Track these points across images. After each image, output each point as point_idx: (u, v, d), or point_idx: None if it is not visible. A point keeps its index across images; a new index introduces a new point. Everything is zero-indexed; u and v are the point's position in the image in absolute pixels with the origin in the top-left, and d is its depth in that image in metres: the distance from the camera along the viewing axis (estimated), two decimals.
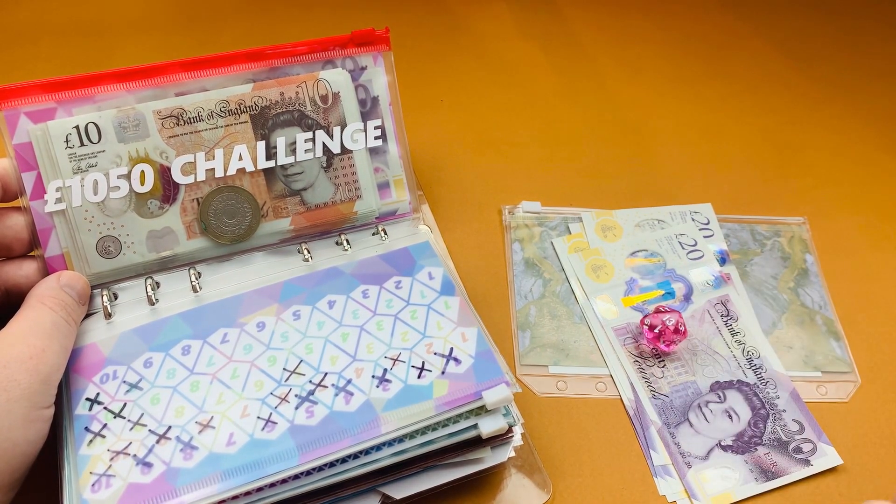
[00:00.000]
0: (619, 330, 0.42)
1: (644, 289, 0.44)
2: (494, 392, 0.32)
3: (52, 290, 0.32)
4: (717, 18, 0.71)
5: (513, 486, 0.35)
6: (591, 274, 0.44)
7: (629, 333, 0.42)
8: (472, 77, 0.61)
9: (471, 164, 0.52)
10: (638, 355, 0.41)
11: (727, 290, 0.44)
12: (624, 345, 0.41)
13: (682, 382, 0.39)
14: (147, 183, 0.35)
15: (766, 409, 0.38)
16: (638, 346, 0.41)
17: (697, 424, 0.38)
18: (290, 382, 0.32)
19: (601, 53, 0.65)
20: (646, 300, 0.43)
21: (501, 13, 0.69)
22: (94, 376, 0.32)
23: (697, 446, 0.37)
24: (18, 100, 0.33)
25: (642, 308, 0.43)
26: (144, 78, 0.35)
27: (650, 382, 0.39)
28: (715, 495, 0.35)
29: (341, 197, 0.39)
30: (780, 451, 0.37)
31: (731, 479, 0.36)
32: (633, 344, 0.41)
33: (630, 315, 0.42)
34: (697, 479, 0.36)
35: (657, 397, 0.39)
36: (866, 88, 0.63)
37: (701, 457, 0.37)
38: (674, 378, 0.39)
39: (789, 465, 0.36)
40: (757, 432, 0.37)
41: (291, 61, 0.38)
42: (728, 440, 0.37)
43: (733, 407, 0.38)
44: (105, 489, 0.28)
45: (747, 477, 0.36)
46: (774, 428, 0.38)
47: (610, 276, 0.45)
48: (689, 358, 0.40)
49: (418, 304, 0.36)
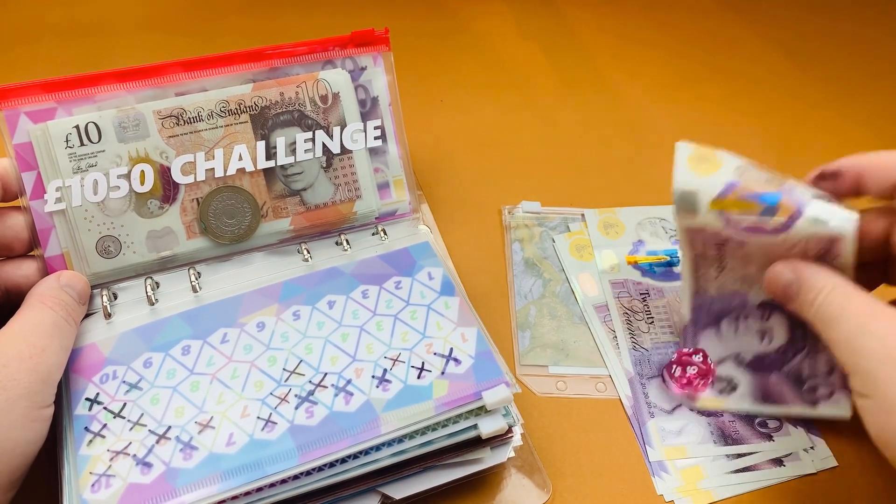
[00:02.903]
0: (615, 284, 0.44)
1: (650, 252, 0.45)
2: (494, 392, 0.32)
3: (52, 290, 0.32)
4: (717, 18, 0.71)
5: (512, 487, 0.35)
6: (602, 230, 0.46)
7: (625, 288, 0.43)
8: (472, 77, 0.61)
9: (471, 164, 0.52)
10: (628, 308, 0.42)
11: None
12: (617, 297, 0.43)
13: (665, 342, 0.41)
14: (147, 183, 0.35)
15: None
16: (631, 300, 0.42)
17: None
18: (290, 383, 0.32)
19: (601, 53, 0.65)
20: (651, 262, 0.45)
21: (501, 13, 0.69)
22: (93, 376, 0.32)
23: (665, 401, 0.38)
24: (18, 100, 0.33)
25: (644, 268, 0.44)
26: (144, 78, 0.36)
27: (634, 335, 0.41)
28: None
29: (341, 197, 0.39)
30: (744, 422, 0.37)
31: (691, 436, 0.37)
32: (627, 298, 0.43)
33: (630, 272, 0.44)
34: (657, 428, 0.37)
35: (637, 349, 0.40)
36: (866, 88, 0.63)
37: (666, 410, 0.38)
38: (657, 336, 0.41)
39: (750, 436, 0.37)
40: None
41: (291, 61, 0.38)
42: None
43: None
44: (105, 489, 0.28)
45: (706, 437, 0.37)
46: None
47: (619, 235, 0.47)
48: (677, 322, 0.41)
49: (418, 305, 0.36)
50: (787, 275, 0.33)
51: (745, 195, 0.33)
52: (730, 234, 0.34)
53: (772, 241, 0.33)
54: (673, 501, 0.35)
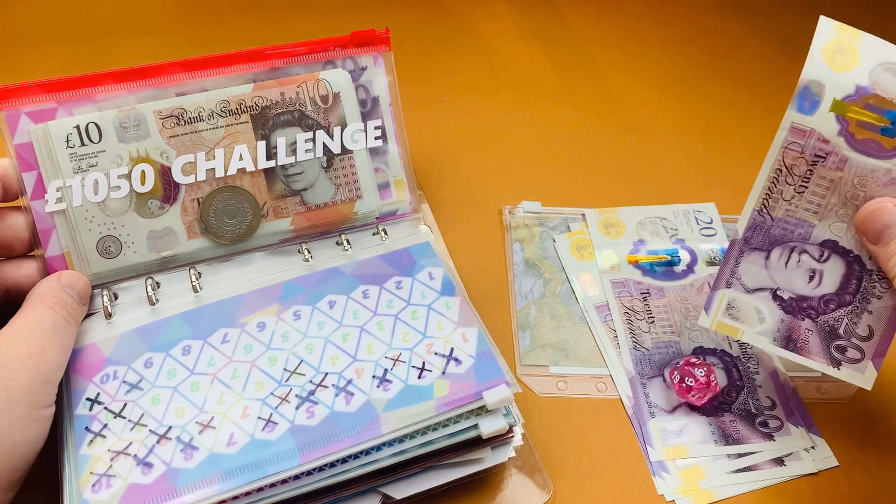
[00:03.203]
0: (616, 283, 0.43)
1: (651, 251, 0.45)
2: (495, 392, 0.32)
3: (52, 290, 0.32)
4: (717, 18, 0.71)
5: (513, 487, 0.35)
6: (602, 230, 0.46)
7: (626, 288, 0.43)
8: (473, 77, 0.61)
9: (471, 164, 0.52)
10: (629, 308, 0.42)
11: None
12: (618, 297, 0.43)
13: (666, 341, 0.40)
14: (147, 183, 0.35)
15: (742, 381, 0.38)
16: (631, 300, 0.42)
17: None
18: (291, 383, 0.32)
19: (601, 53, 0.65)
20: (651, 262, 0.45)
21: (501, 13, 0.69)
22: (94, 376, 0.32)
23: (665, 401, 0.38)
24: (19, 100, 0.33)
25: (645, 267, 0.44)
26: (145, 78, 0.36)
27: (634, 334, 0.41)
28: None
29: (341, 197, 0.39)
30: (745, 422, 0.37)
31: (692, 436, 0.37)
32: (628, 298, 0.42)
33: (631, 272, 0.44)
34: (658, 428, 0.37)
35: (638, 349, 0.40)
36: None
37: (666, 410, 0.38)
38: (658, 336, 0.40)
39: (751, 436, 0.37)
40: (728, 400, 0.38)
41: (292, 61, 0.38)
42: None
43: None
44: (105, 489, 0.28)
45: (707, 437, 0.37)
46: (746, 400, 0.38)
47: (620, 234, 0.46)
48: (678, 321, 0.41)
49: (419, 305, 0.36)
50: (891, 215, 0.30)
51: (873, 106, 0.31)
52: (835, 147, 0.32)
53: (876, 168, 0.31)
54: (674, 501, 0.35)
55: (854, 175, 0.33)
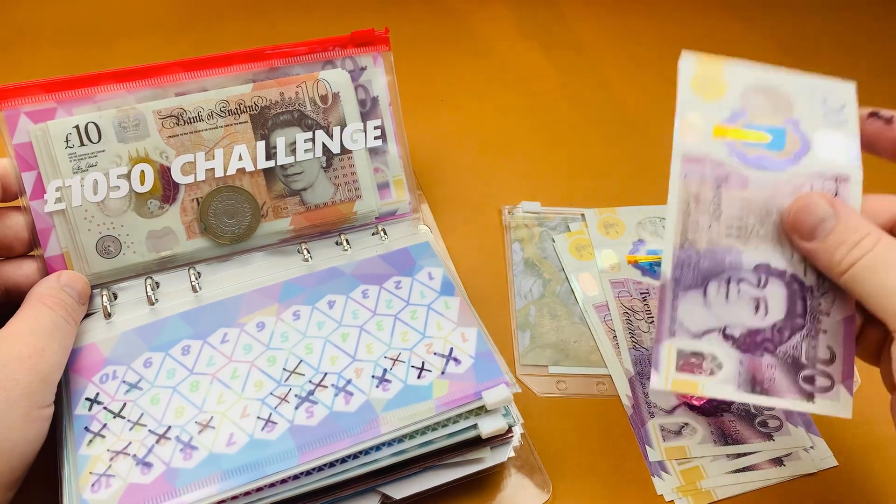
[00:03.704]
0: (615, 283, 0.44)
1: (651, 251, 0.45)
2: (494, 392, 0.32)
3: (52, 290, 0.32)
4: (717, 18, 0.71)
5: (513, 487, 0.35)
6: (602, 229, 0.46)
7: (625, 288, 0.43)
8: (472, 77, 0.61)
9: (471, 164, 0.52)
10: (629, 308, 0.41)
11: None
12: (617, 297, 0.43)
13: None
14: (147, 183, 0.35)
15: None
16: (631, 300, 0.42)
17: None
18: (290, 382, 0.32)
19: (601, 53, 0.65)
20: (651, 262, 0.45)
21: (501, 13, 0.69)
22: (93, 376, 0.32)
23: (665, 401, 0.38)
24: (18, 100, 0.33)
25: (645, 267, 0.44)
26: (144, 78, 0.35)
27: (634, 334, 0.40)
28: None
29: (341, 197, 0.39)
30: (744, 422, 0.35)
31: (691, 436, 0.36)
32: (627, 298, 0.42)
33: (630, 272, 0.44)
34: (657, 428, 0.36)
35: (637, 349, 0.39)
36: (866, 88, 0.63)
37: (666, 410, 0.37)
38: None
39: (751, 436, 0.33)
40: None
41: (291, 61, 0.38)
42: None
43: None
44: (105, 489, 0.28)
45: (706, 437, 0.36)
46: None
47: (620, 234, 0.46)
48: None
49: (418, 305, 0.36)
50: (824, 208, 0.29)
51: (752, 125, 0.31)
52: (732, 168, 0.32)
53: (777, 179, 0.31)
54: (673, 501, 0.35)
55: (760, 190, 0.32)
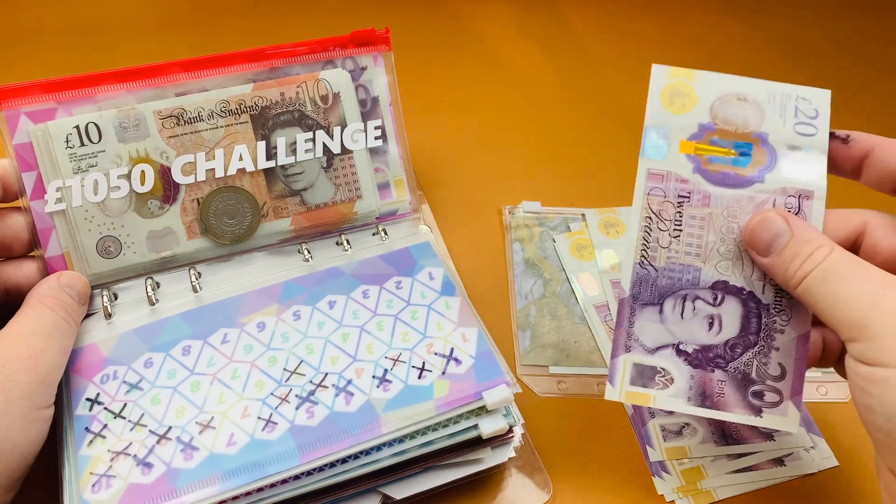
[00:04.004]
0: (616, 283, 0.43)
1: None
2: (495, 392, 0.32)
3: (52, 290, 0.32)
4: (717, 18, 0.71)
5: (513, 487, 0.35)
6: (602, 229, 0.46)
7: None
8: (472, 77, 0.61)
9: (471, 164, 0.52)
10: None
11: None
12: (618, 297, 0.34)
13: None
14: (147, 183, 0.35)
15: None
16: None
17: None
18: (291, 383, 0.32)
19: (601, 53, 0.65)
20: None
21: (501, 13, 0.69)
22: (94, 376, 0.32)
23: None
24: (19, 100, 0.33)
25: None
26: (145, 78, 0.35)
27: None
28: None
29: (341, 197, 0.39)
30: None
31: (692, 436, 0.36)
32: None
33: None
34: (657, 428, 0.35)
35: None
36: (866, 88, 0.63)
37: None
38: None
39: (751, 436, 0.33)
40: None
41: (291, 61, 0.38)
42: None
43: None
44: (105, 489, 0.28)
45: (707, 437, 0.36)
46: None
47: (620, 234, 0.46)
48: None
49: (419, 305, 0.36)
50: (778, 224, 0.30)
51: (719, 140, 0.32)
52: (695, 185, 0.32)
53: (740, 197, 0.32)
54: (673, 501, 0.35)
55: (722, 208, 0.32)
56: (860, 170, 0.32)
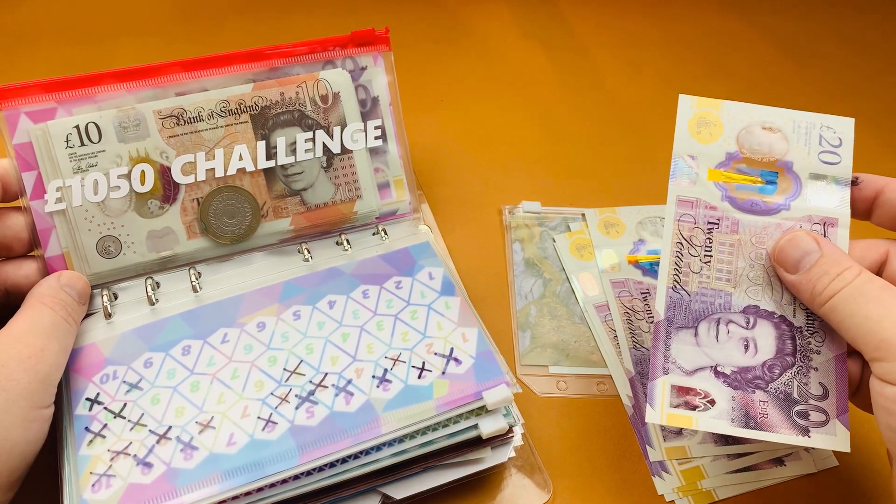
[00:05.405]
0: (616, 283, 0.44)
1: (651, 251, 0.46)
2: (495, 392, 0.32)
3: (52, 290, 0.32)
4: (717, 18, 0.71)
5: (513, 486, 0.35)
6: (602, 229, 0.46)
7: (626, 287, 0.43)
8: (472, 77, 0.61)
9: (471, 164, 0.52)
10: (629, 308, 0.41)
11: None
12: (618, 296, 0.43)
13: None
14: (147, 183, 0.35)
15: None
16: (631, 300, 0.42)
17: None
18: (291, 383, 0.32)
19: (601, 53, 0.65)
20: (651, 262, 0.45)
21: (501, 13, 0.69)
22: (94, 376, 0.32)
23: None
24: (19, 100, 0.33)
25: (645, 267, 0.45)
26: (144, 78, 0.35)
27: (634, 334, 0.40)
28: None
29: (341, 197, 0.39)
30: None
31: (692, 436, 0.36)
32: (628, 297, 0.43)
33: (631, 272, 0.44)
34: (658, 428, 0.36)
35: (638, 349, 0.38)
36: (866, 88, 0.63)
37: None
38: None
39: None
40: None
41: (291, 61, 0.38)
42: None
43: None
44: (105, 489, 0.28)
45: (707, 437, 0.36)
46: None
47: (620, 234, 0.46)
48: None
49: (418, 305, 0.36)
50: (808, 242, 0.31)
51: (745, 168, 0.32)
52: (723, 212, 0.33)
53: (767, 224, 0.33)
54: (673, 501, 0.35)
55: (750, 235, 0.33)
56: (871, 210, 0.33)
